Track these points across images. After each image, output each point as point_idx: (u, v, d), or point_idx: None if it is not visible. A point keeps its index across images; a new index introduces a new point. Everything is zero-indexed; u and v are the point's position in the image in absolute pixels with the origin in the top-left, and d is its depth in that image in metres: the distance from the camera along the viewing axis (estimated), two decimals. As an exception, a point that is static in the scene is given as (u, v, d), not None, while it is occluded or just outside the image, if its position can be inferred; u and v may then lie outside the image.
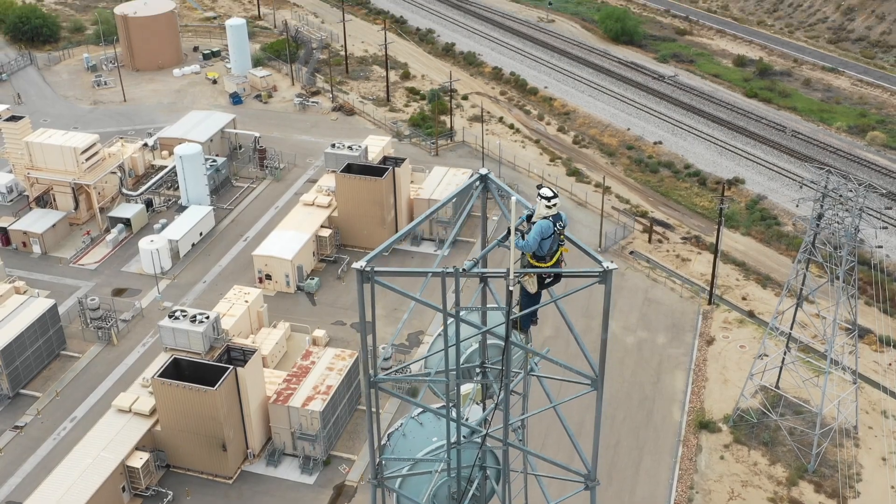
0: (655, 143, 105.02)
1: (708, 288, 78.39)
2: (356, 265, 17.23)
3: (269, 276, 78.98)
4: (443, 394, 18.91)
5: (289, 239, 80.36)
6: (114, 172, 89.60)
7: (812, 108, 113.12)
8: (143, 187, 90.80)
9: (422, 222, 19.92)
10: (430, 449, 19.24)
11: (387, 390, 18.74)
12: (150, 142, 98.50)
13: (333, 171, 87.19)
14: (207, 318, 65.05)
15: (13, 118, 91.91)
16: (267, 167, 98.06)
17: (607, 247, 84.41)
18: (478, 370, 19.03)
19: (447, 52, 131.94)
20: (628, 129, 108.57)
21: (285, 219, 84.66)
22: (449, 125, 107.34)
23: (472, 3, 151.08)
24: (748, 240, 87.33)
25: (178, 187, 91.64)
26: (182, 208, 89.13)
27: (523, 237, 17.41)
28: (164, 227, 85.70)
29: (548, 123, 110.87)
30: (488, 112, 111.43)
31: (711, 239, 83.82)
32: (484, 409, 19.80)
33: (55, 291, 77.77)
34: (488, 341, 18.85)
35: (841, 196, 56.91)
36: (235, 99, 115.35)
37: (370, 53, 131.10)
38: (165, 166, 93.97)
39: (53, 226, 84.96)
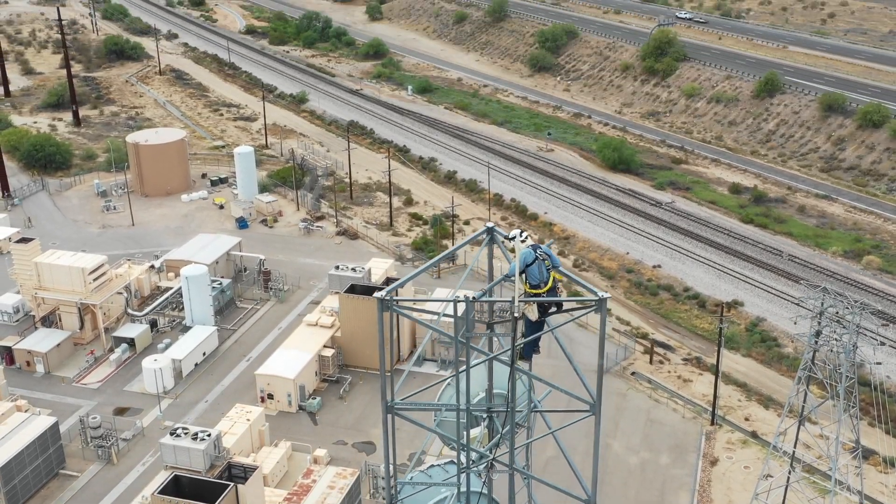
0: (654, 267, 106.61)
1: (710, 409, 78.29)
2: (377, 295, 18.85)
3: (271, 396, 79.04)
4: (452, 435, 19.78)
5: (291, 358, 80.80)
6: (120, 293, 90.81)
7: (808, 234, 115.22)
8: (149, 308, 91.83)
9: (434, 265, 21.10)
10: (437, 499, 19.71)
11: (403, 416, 19.53)
12: (157, 264, 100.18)
13: (337, 293, 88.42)
14: (209, 435, 64.90)
15: (23, 240, 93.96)
16: (271, 289, 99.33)
17: (609, 368, 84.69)
18: (484, 416, 19.86)
19: (449, 179, 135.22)
20: (627, 252, 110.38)
21: (288, 338, 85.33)
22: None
23: (473, 134, 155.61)
24: (749, 361, 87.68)
25: (182, 308, 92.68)
26: (186, 328, 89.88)
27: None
28: (167, 346, 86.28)
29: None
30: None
31: (712, 360, 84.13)
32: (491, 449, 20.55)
33: (57, 410, 77.65)
34: (494, 390, 19.83)
35: (837, 312, 57.71)
36: (242, 223, 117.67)
37: (374, 180, 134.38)
38: (171, 287, 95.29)
39: (58, 345, 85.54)
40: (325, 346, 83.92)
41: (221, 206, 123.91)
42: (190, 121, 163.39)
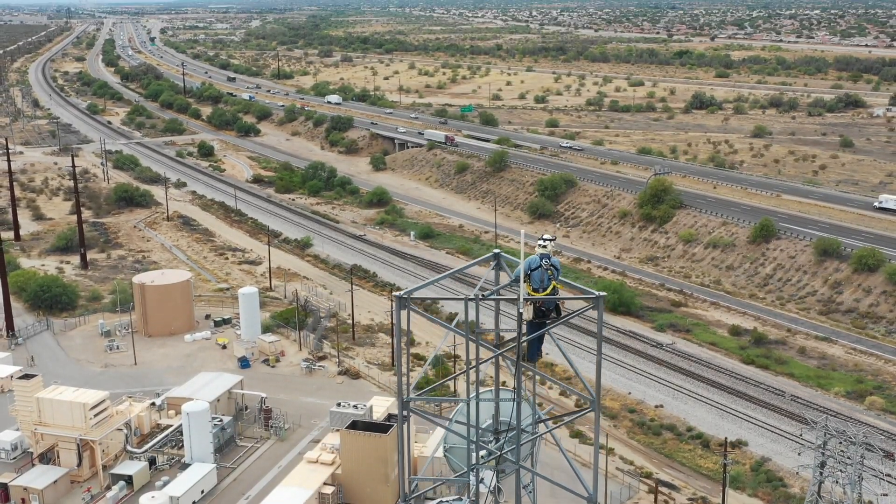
0: (657, 407, 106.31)
1: (718, 549, 76.64)
2: (396, 293, 21.28)
3: (269, 534, 77.43)
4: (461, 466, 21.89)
5: (291, 496, 79.60)
6: (120, 429, 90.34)
7: (809, 375, 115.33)
8: (148, 445, 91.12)
9: (448, 276, 26.77)
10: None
11: (417, 411, 21.14)
12: (158, 401, 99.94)
13: (338, 430, 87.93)
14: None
15: (26, 376, 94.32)
16: (272, 427, 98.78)
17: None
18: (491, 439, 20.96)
19: (450, 320, 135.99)
20: (629, 393, 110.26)
21: (288, 476, 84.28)
22: (452, 389, 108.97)
23: (475, 277, 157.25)
24: (755, 501, 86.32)
25: (182, 446, 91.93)
26: (185, 466, 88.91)
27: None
28: (165, 484, 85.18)
29: (550, 388, 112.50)
30: (490, 377, 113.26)
31: (718, 500, 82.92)
32: (497, 477, 21.24)
33: (50, 548, 76.06)
34: (501, 418, 20.86)
35: (841, 443, 57.68)
36: (244, 363, 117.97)
37: (376, 322, 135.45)
38: (172, 425, 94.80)
39: (55, 482, 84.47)
40: (325, 484, 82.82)
41: (224, 346, 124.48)
42: (195, 264, 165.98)
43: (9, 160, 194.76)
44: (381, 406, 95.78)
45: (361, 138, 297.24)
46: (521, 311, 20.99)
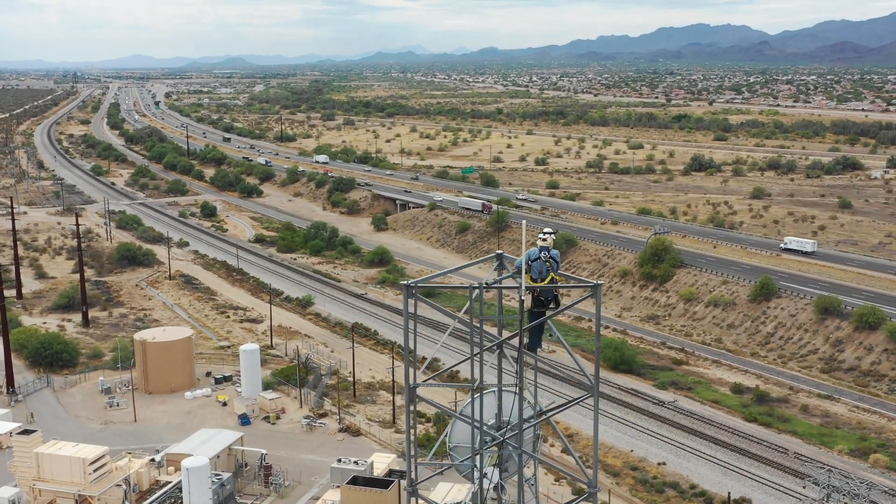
0: (659, 465, 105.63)
1: None
2: (403, 282, 22.69)
3: (268, 591, 76.45)
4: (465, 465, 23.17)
5: (291, 552, 78.81)
6: (119, 485, 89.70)
7: (812, 433, 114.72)
8: (147, 501, 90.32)
9: (450, 273, 28.62)
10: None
11: (424, 398, 22.19)
12: (158, 458, 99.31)
13: (338, 486, 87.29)
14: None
15: (25, 431, 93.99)
16: (272, 484, 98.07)
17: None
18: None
19: (452, 378, 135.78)
20: (632, 450, 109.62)
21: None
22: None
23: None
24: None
25: (182, 502, 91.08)
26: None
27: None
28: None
29: (552, 445, 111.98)
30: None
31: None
32: (500, 474, 21.91)
33: None
34: (504, 418, 21.47)
35: (844, 496, 57.42)
36: (244, 420, 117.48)
37: (377, 379, 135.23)
38: (171, 482, 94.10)
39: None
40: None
41: (224, 404, 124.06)
42: (197, 322, 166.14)
43: (13, 219, 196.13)
44: (382, 462, 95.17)
45: (363, 199, 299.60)
46: (522, 298, 22.44)
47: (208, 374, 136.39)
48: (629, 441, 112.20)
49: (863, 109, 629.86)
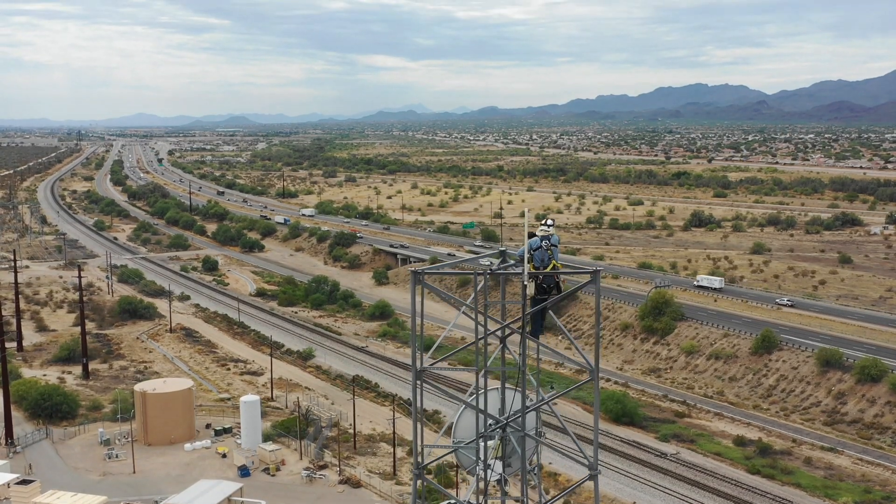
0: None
1: None
2: (411, 269, 23.64)
3: None
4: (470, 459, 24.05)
5: None
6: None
7: (816, 485, 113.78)
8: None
9: (457, 264, 29.35)
10: None
11: (431, 383, 23.20)
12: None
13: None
14: None
15: (24, 482, 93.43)
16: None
17: None
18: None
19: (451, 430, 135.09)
20: (634, 502, 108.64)
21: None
22: (455, 493, 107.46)
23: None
24: None
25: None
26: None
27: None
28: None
29: (547, 491, 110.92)
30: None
31: None
32: (504, 466, 22.44)
33: None
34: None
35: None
36: (244, 471, 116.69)
37: (378, 431, 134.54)
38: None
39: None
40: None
41: (224, 455, 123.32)
42: (197, 374, 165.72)
43: (15, 271, 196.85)
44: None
45: (364, 254, 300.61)
46: (524, 283, 23.28)
47: (208, 425, 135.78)
48: (632, 493, 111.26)
49: (861, 167, 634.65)
